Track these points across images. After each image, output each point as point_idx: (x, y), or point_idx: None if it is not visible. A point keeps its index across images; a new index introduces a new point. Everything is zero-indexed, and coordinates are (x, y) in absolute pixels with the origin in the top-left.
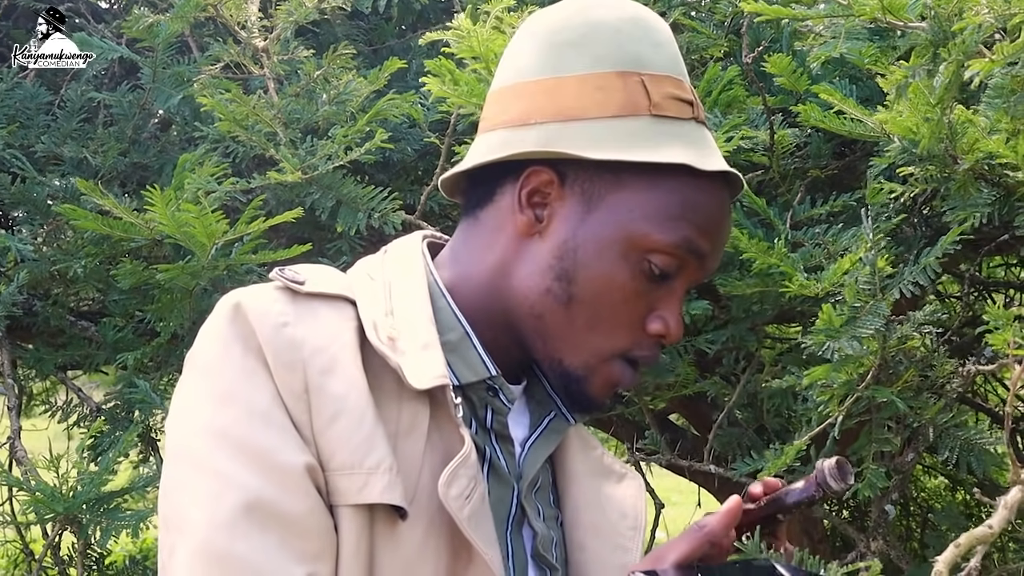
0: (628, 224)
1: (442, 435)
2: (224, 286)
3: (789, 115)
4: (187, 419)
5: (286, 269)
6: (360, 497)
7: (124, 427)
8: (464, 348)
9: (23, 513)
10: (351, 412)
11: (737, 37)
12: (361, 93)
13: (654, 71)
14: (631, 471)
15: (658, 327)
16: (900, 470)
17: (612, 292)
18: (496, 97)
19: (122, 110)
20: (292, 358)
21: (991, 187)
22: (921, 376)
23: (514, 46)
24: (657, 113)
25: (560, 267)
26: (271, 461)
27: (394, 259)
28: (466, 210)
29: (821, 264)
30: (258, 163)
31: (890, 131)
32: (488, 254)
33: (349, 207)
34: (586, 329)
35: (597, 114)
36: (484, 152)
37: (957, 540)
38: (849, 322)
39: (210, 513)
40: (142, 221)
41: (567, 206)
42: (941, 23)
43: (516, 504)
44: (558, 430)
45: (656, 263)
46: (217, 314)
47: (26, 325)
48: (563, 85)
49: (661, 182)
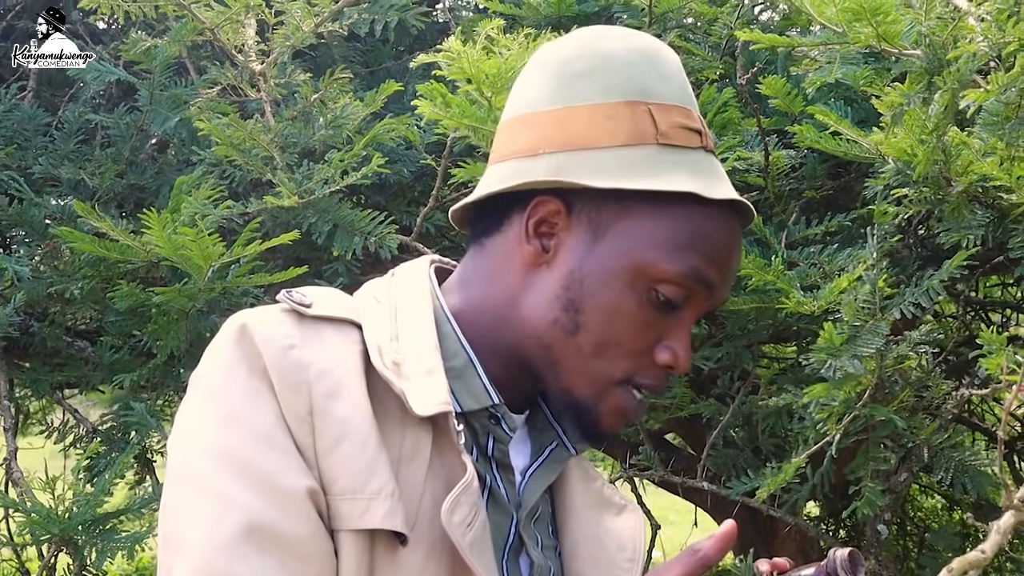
0: (635, 253)
1: (444, 461)
2: (220, 308)
3: (784, 136)
4: (190, 439)
5: (293, 291)
6: (361, 522)
7: (120, 448)
8: (468, 375)
9: (19, 534)
10: (354, 437)
11: (732, 59)
12: (358, 116)
13: (662, 100)
14: (631, 504)
15: (666, 357)
16: (894, 490)
17: (619, 322)
18: (506, 128)
19: (119, 132)
20: (297, 380)
21: (985, 209)
22: (916, 396)
23: (524, 77)
24: (664, 142)
25: (567, 297)
26: (273, 484)
27: (401, 283)
28: (474, 238)
29: (817, 283)
30: (255, 186)
31: (885, 153)
32: (495, 283)
33: (345, 230)
34: (595, 358)
35: (606, 143)
36: (493, 182)
37: (950, 565)
38: (850, 340)
39: (210, 535)
40: (139, 243)
41: (574, 236)
42: (936, 51)
43: (514, 533)
44: (559, 460)
45: (664, 293)
46: (223, 335)
47: (23, 345)
48: (573, 115)
49: (668, 211)
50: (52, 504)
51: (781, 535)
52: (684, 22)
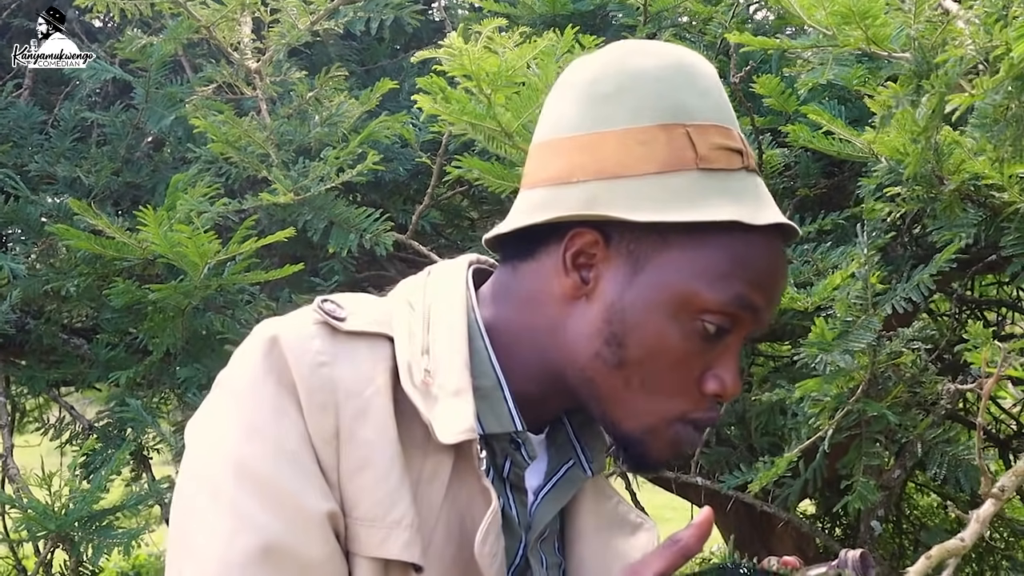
0: (677, 284)
1: (463, 486)
2: (216, 305)
3: (778, 135)
4: (211, 443)
5: (328, 300)
6: (379, 551)
7: (116, 445)
8: (495, 398)
9: (15, 530)
10: (379, 463)
11: (727, 58)
12: (353, 114)
13: (699, 121)
14: (647, 521)
15: (715, 387)
16: (888, 486)
17: (665, 355)
18: (537, 152)
19: (115, 130)
20: (326, 400)
21: (977, 208)
22: (910, 392)
23: (553, 98)
24: (704, 167)
25: (609, 331)
26: (293, 505)
27: (436, 287)
28: (505, 259)
29: (810, 281)
30: (251, 184)
31: (878, 152)
32: (531, 311)
33: (341, 228)
34: (642, 392)
35: (641, 171)
36: (527, 211)
37: (929, 552)
38: (841, 336)
39: (224, 550)
40: (135, 241)
41: (613, 267)
42: (924, 54)
43: (522, 556)
44: (574, 481)
45: (710, 322)
46: (253, 343)
47: (19, 342)
48: (603, 141)
49: (709, 239)
50: (48, 500)
51: (777, 532)
52: (679, 21)
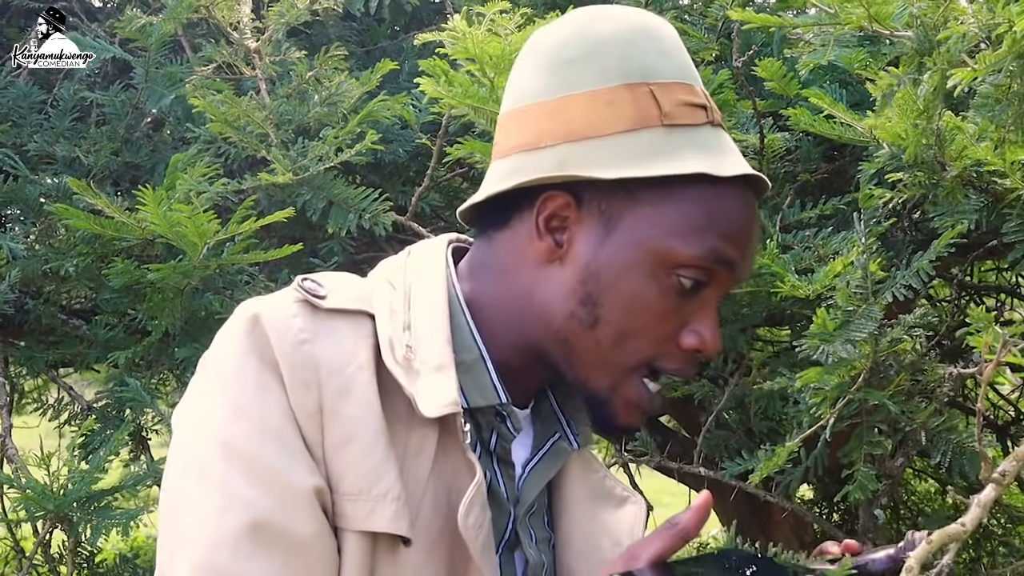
0: (651, 241)
1: (448, 460)
2: (215, 286)
3: (779, 119)
4: (197, 424)
5: (307, 279)
6: (366, 524)
7: (115, 426)
8: (478, 371)
9: (14, 511)
10: (363, 437)
11: (728, 41)
12: (353, 94)
13: (663, 79)
14: (633, 495)
15: (693, 341)
16: (890, 475)
17: (641, 312)
18: (505, 122)
19: (114, 109)
20: (308, 377)
21: (979, 194)
22: (912, 380)
23: (519, 67)
24: (669, 123)
25: (584, 291)
26: (280, 481)
27: (417, 265)
28: (481, 231)
29: (811, 267)
30: (250, 164)
31: (879, 136)
32: (508, 278)
33: (340, 208)
34: (615, 349)
35: (608, 131)
36: (497, 179)
37: (929, 536)
38: (843, 326)
39: (213, 528)
40: (134, 220)
41: (586, 229)
42: (927, 32)
43: (511, 530)
44: (560, 454)
45: (685, 277)
46: (235, 323)
47: (17, 323)
48: (571, 104)
49: (679, 194)
50: (47, 481)
51: (777, 518)
52: (680, 3)
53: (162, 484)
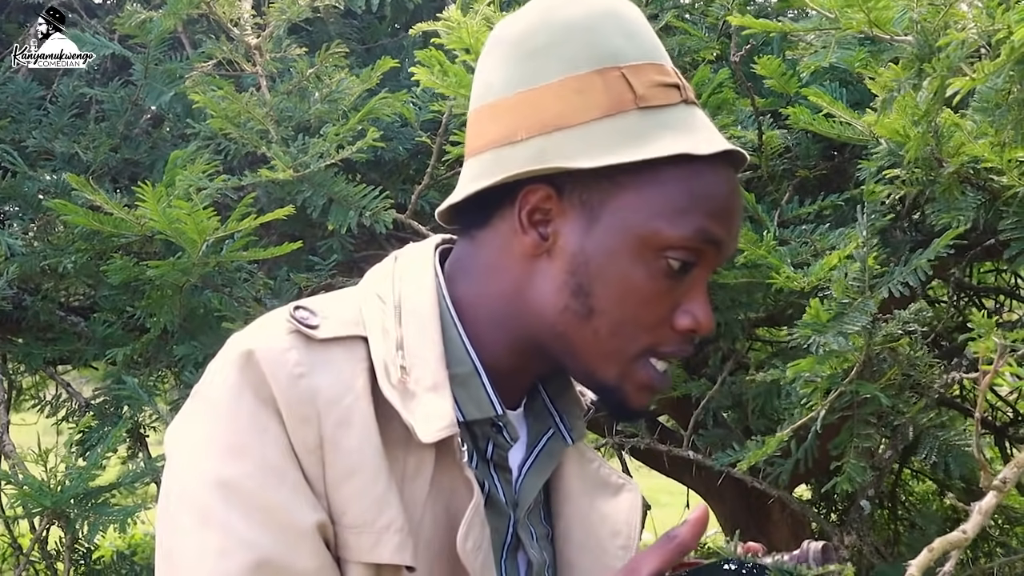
0: (637, 226)
1: (446, 479)
2: (214, 283)
3: (778, 117)
4: (194, 465)
5: (300, 308)
6: (371, 556)
7: (113, 423)
8: (472, 384)
9: (11, 507)
10: (365, 469)
11: (729, 40)
12: (353, 92)
13: (633, 61)
14: (629, 482)
15: (687, 322)
16: (879, 467)
17: (633, 297)
18: (475, 118)
19: (114, 106)
20: (307, 412)
21: (976, 191)
22: (904, 375)
23: (484, 60)
24: (644, 105)
25: (575, 283)
26: (281, 519)
27: (404, 276)
28: (463, 231)
29: (808, 261)
30: (250, 160)
31: (878, 134)
32: (496, 277)
33: (340, 205)
34: (614, 338)
35: (582, 119)
36: (474, 177)
37: (931, 545)
38: (836, 317)
39: (216, 569)
40: (133, 217)
41: (570, 219)
42: (927, 37)
43: (512, 533)
44: (555, 451)
45: (674, 258)
46: (228, 358)
47: (16, 319)
48: (541, 95)
49: (661, 176)
50: (44, 477)
51: (775, 519)
52: (681, 2)
53: (158, 520)
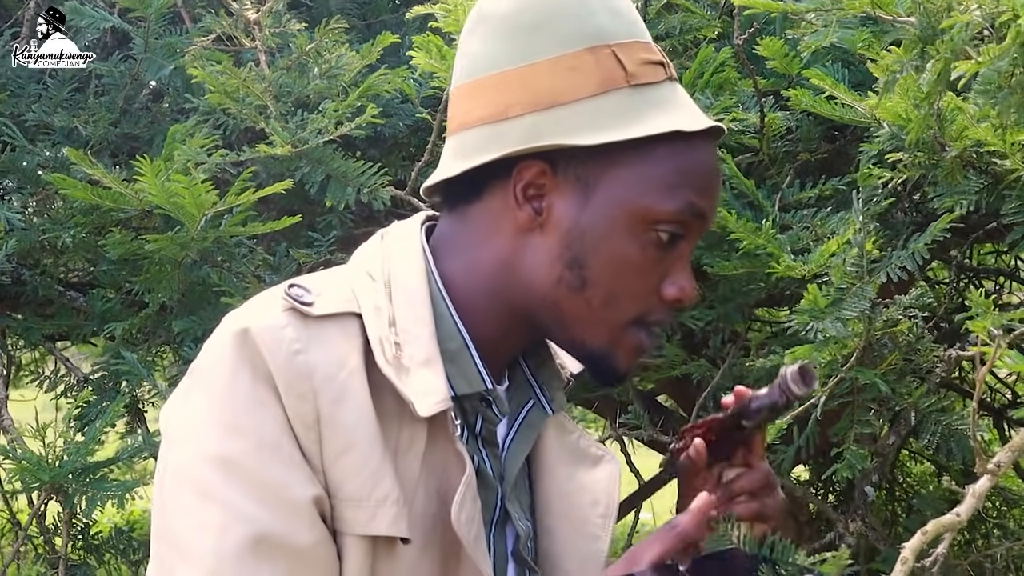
0: (630, 201)
1: (438, 452)
2: (213, 258)
3: (780, 98)
4: (192, 442)
5: (294, 286)
6: (368, 529)
7: (111, 398)
8: (463, 360)
9: (9, 482)
10: (361, 444)
11: (730, 19)
12: (353, 67)
13: (621, 39)
14: (608, 453)
15: (674, 292)
16: (881, 453)
17: (626, 269)
18: (463, 94)
19: (113, 80)
20: (303, 388)
21: (979, 174)
22: (905, 360)
23: (469, 38)
24: (635, 83)
25: (570, 255)
26: (280, 495)
27: (393, 253)
28: (450, 206)
29: (808, 247)
30: (249, 136)
31: (880, 117)
32: (485, 250)
33: (339, 181)
34: (605, 308)
35: (575, 96)
36: (466, 153)
37: (924, 528)
38: (834, 303)
39: (217, 544)
40: (132, 191)
41: (564, 194)
42: (930, 19)
43: (500, 507)
44: (535, 422)
45: (664, 231)
46: (224, 336)
47: (14, 295)
48: (535, 72)
49: (653, 152)
50: (42, 452)
51: None
52: None
53: (155, 499)
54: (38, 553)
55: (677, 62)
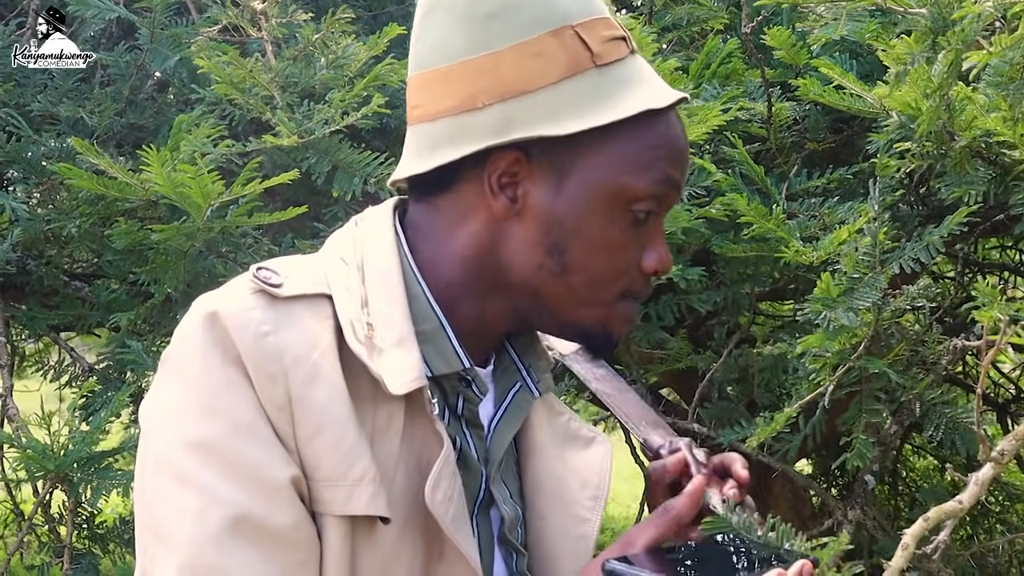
0: (606, 182)
1: (417, 432)
2: (219, 249)
3: (787, 88)
4: (167, 428)
5: (263, 268)
6: (345, 509)
7: (116, 387)
8: (439, 339)
9: (13, 471)
10: (334, 424)
11: (738, 10)
12: (359, 58)
13: (582, 19)
14: (599, 435)
15: (653, 264)
16: (884, 442)
17: (607, 251)
18: (424, 82)
19: (119, 70)
20: (274, 370)
21: (988, 165)
22: (912, 351)
23: (427, 25)
24: (601, 63)
25: (549, 242)
26: (256, 476)
27: (365, 237)
28: (419, 196)
29: (816, 235)
30: (255, 126)
31: (889, 107)
32: (460, 240)
33: (345, 172)
34: (590, 289)
35: (543, 82)
36: (435, 145)
37: (926, 514)
38: (846, 292)
39: (196, 528)
40: (137, 181)
41: (539, 181)
42: (941, 10)
43: (484, 489)
44: (523, 405)
45: (642, 209)
46: (192, 321)
47: (19, 285)
48: (499, 60)
49: (625, 132)
50: (47, 441)
51: (775, 492)
52: None
53: (136, 488)
54: (42, 542)
55: (684, 54)
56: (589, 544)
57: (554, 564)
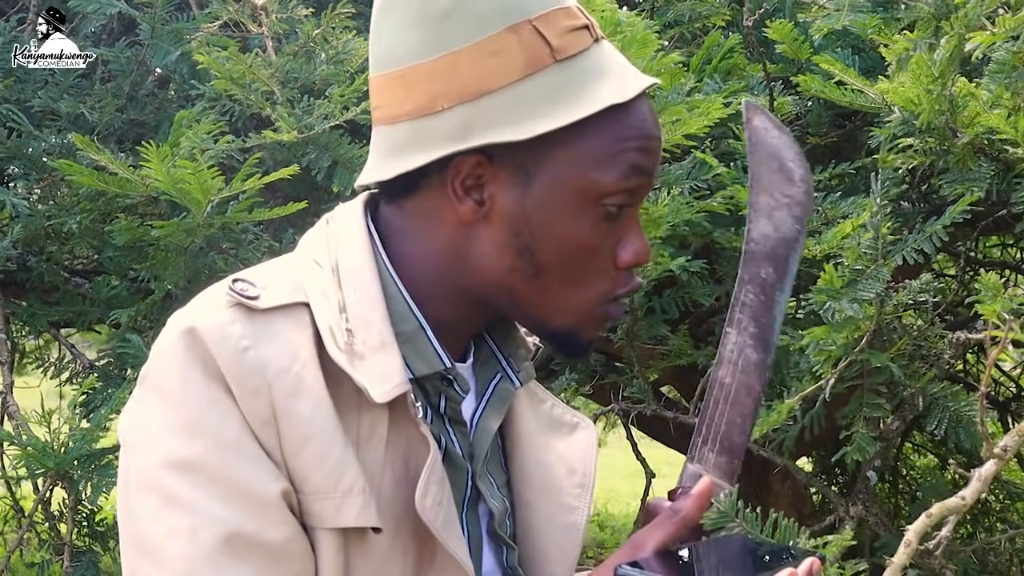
0: (574, 179)
1: (402, 436)
2: (219, 245)
3: (789, 83)
4: (152, 448)
5: (238, 280)
6: (336, 521)
7: (117, 384)
8: (419, 340)
9: (13, 468)
10: (320, 435)
11: (740, 6)
12: (360, 53)
13: (540, 10)
14: (583, 420)
15: (629, 257)
16: (886, 438)
17: (579, 249)
18: (384, 84)
19: (120, 66)
20: (256, 384)
21: (990, 162)
22: (914, 345)
23: (382, 24)
24: (562, 57)
25: (519, 243)
26: (246, 492)
27: (338, 238)
28: (386, 198)
29: (819, 230)
30: (255, 122)
31: (891, 102)
32: (431, 241)
33: (345, 167)
34: (565, 289)
35: (503, 82)
36: (396, 149)
37: (929, 510)
38: (850, 284)
39: (189, 548)
40: (138, 177)
41: (504, 183)
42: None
43: (471, 485)
44: (504, 396)
45: (613, 203)
46: (170, 337)
47: (20, 281)
48: (456, 61)
49: (590, 127)
50: (48, 438)
51: (776, 489)
52: None
53: (121, 510)
54: (42, 540)
55: (686, 50)
56: (578, 533)
57: (543, 554)
